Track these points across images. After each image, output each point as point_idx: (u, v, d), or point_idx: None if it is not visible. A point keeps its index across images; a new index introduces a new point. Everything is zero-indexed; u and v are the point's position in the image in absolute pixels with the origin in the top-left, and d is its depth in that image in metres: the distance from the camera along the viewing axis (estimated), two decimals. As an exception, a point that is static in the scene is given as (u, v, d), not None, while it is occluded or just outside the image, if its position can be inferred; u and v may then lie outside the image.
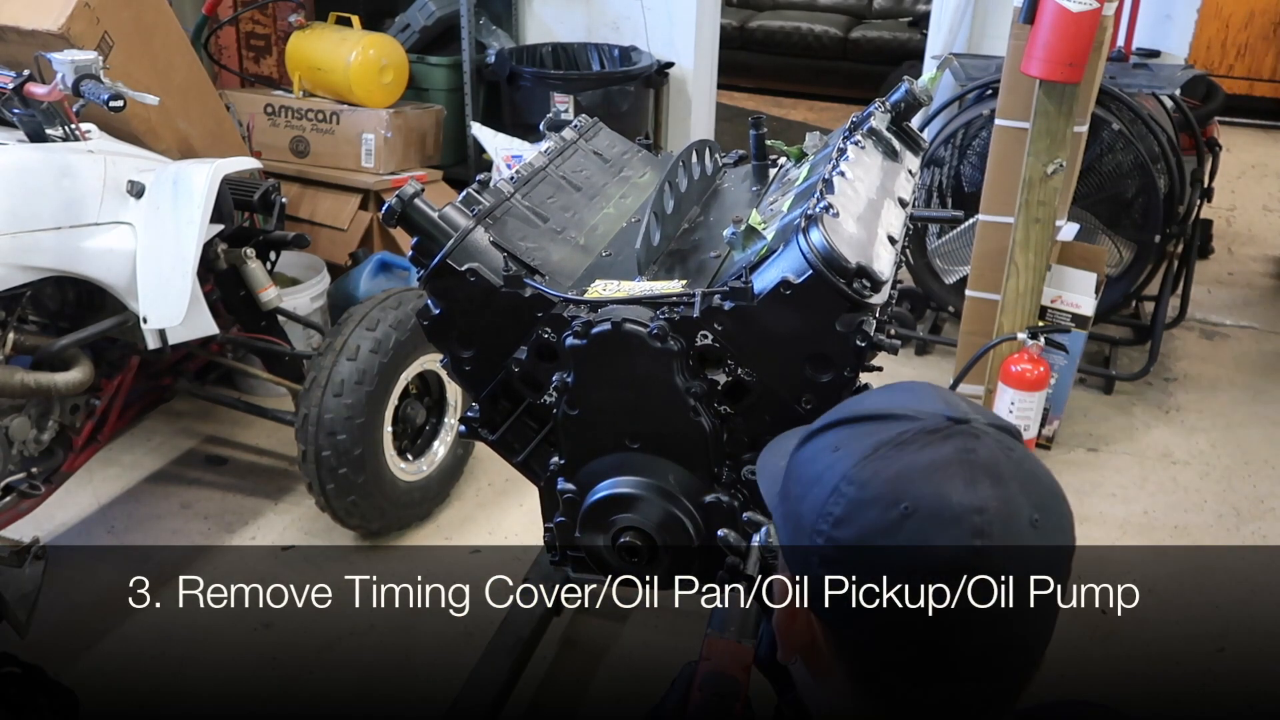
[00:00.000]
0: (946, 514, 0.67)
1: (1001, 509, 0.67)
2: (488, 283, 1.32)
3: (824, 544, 0.70)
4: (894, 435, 0.71)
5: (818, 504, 0.71)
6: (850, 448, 0.72)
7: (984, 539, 0.66)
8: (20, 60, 2.46)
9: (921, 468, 0.69)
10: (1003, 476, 0.68)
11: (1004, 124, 3.10)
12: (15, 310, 2.26)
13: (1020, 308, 3.03)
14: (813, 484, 0.72)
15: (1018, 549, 0.67)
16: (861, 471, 0.69)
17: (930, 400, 0.74)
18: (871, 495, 0.68)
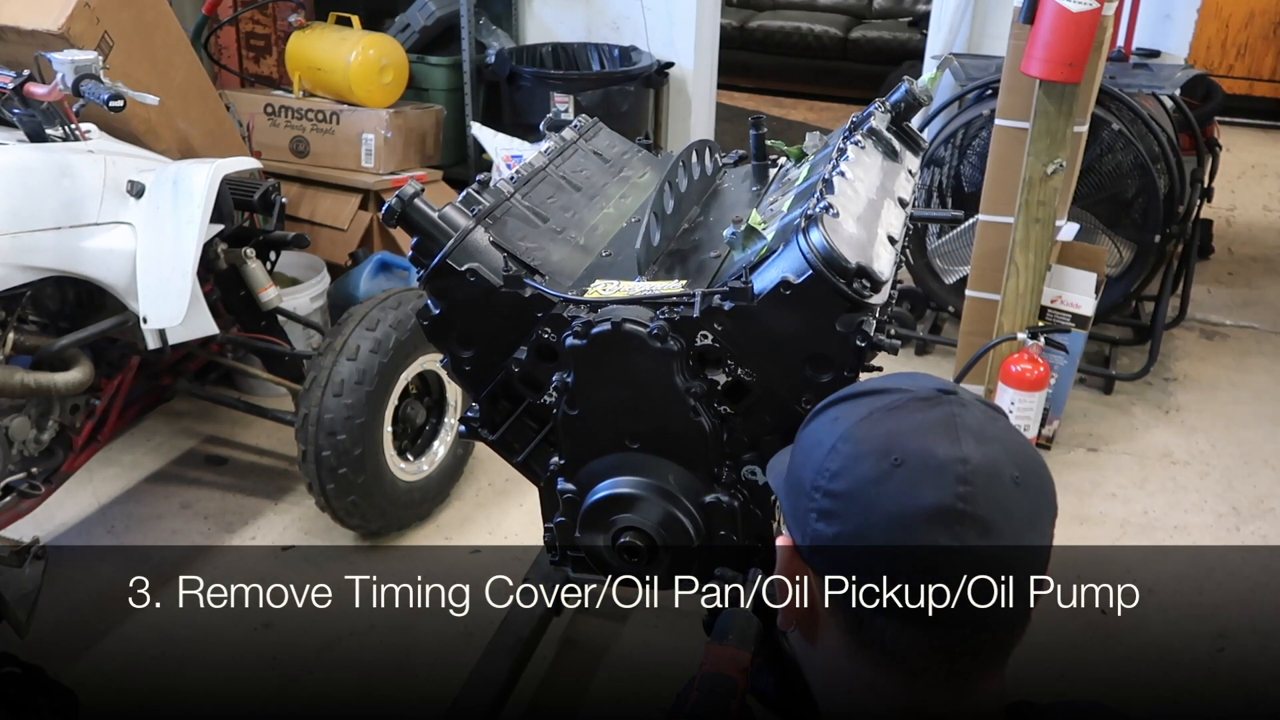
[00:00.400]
0: (933, 464, 0.72)
1: (984, 464, 0.72)
2: (488, 283, 1.32)
3: (821, 498, 0.75)
4: (888, 402, 0.77)
5: (817, 464, 0.77)
6: (847, 416, 0.78)
7: (967, 487, 0.71)
8: (20, 60, 2.46)
9: (912, 427, 0.75)
10: (986, 437, 0.74)
11: (1004, 124, 3.10)
12: (15, 310, 2.26)
13: (1020, 308, 3.03)
14: (813, 449, 0.79)
15: (999, 501, 0.72)
16: (857, 431, 0.76)
17: (924, 380, 0.81)
18: (865, 450, 0.74)
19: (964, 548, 0.71)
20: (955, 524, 0.71)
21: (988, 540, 0.72)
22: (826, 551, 0.75)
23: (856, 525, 0.74)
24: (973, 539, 0.71)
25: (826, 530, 0.75)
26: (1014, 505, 0.73)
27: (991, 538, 0.72)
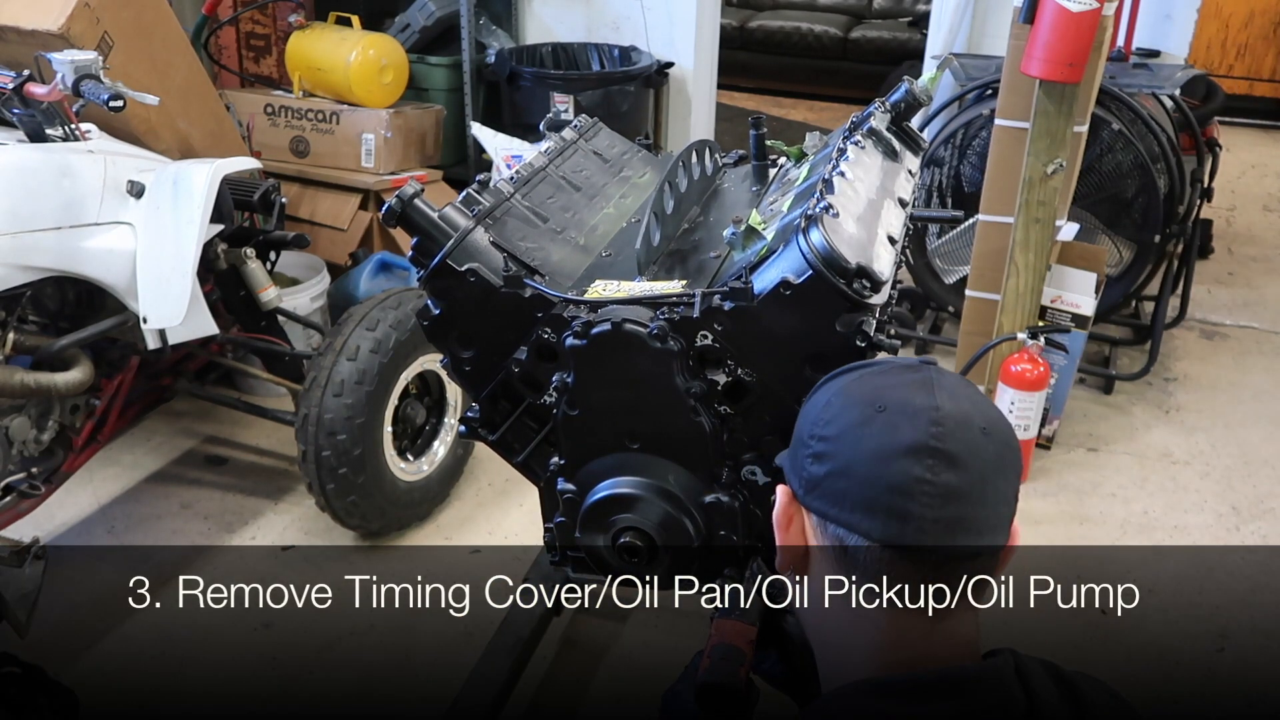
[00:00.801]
0: (910, 409, 0.83)
1: (955, 413, 0.82)
2: (488, 283, 1.32)
3: (815, 443, 0.86)
4: (876, 368, 0.90)
5: (812, 419, 0.88)
6: (841, 381, 0.90)
7: (939, 428, 0.81)
8: (20, 60, 2.46)
9: (893, 383, 0.86)
10: (959, 395, 0.85)
11: (1004, 124, 3.10)
12: (15, 310, 2.26)
13: (1020, 308, 3.03)
14: (809, 410, 0.90)
15: (969, 443, 0.82)
16: (847, 388, 0.88)
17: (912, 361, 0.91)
18: (853, 401, 0.86)
19: (936, 479, 0.80)
20: (928, 457, 0.80)
21: (954, 473, 0.80)
22: (818, 489, 0.85)
23: (844, 461, 0.83)
24: (943, 471, 0.80)
25: (818, 470, 0.85)
26: (982, 449, 0.82)
27: (959, 472, 0.80)
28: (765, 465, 1.32)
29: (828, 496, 0.84)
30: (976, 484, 0.81)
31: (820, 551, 0.86)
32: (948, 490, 0.80)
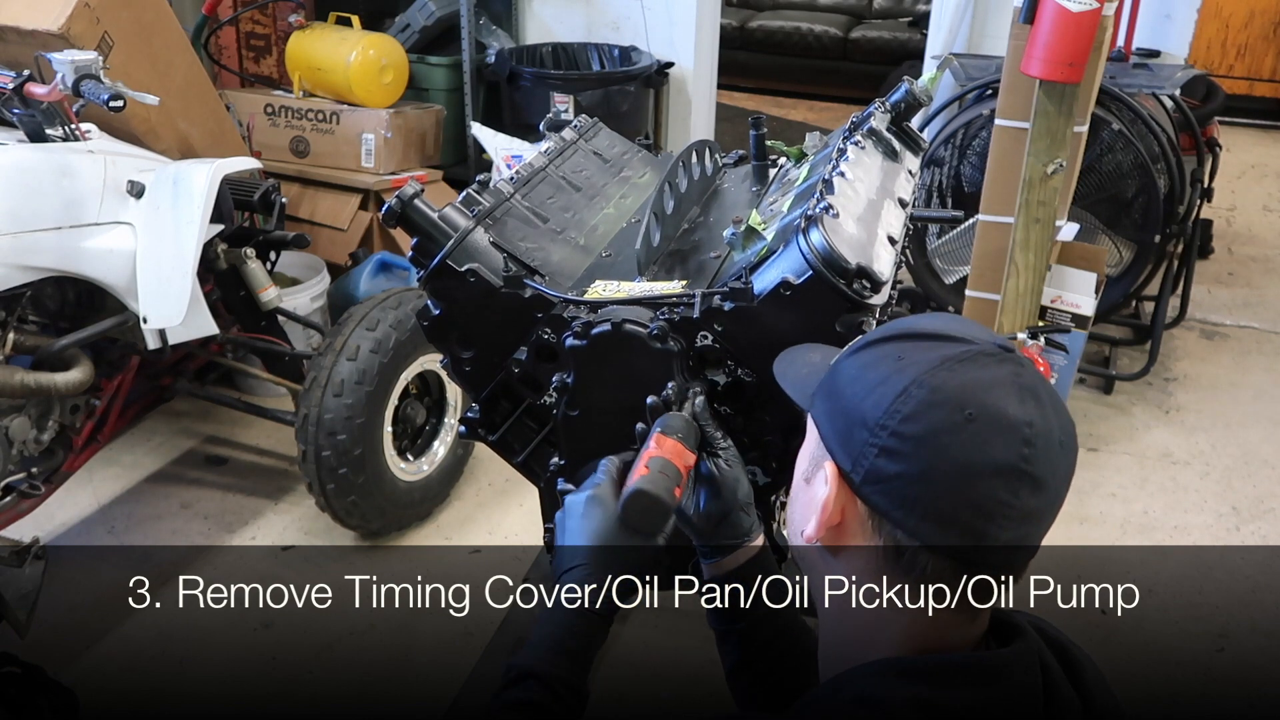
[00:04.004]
0: (1004, 423, 0.77)
1: (1043, 427, 0.78)
2: (488, 283, 1.32)
3: (887, 437, 0.78)
4: (958, 353, 0.80)
5: (885, 401, 0.79)
6: (915, 358, 0.80)
7: (1030, 449, 0.76)
8: (20, 60, 2.47)
9: (984, 382, 0.78)
10: (1042, 400, 0.79)
11: (1004, 124, 3.10)
12: (15, 310, 2.26)
13: (1020, 308, 3.03)
14: (877, 385, 0.80)
15: (1051, 461, 0.78)
16: (932, 378, 0.78)
17: (976, 329, 0.84)
18: (941, 399, 0.77)
19: (1018, 503, 0.77)
20: (1015, 480, 0.76)
21: (1037, 497, 0.78)
22: (884, 486, 0.79)
23: (922, 469, 0.77)
24: (1026, 495, 0.77)
25: (889, 467, 0.78)
26: (1060, 465, 0.79)
27: (1041, 495, 0.78)
28: (765, 466, 1.32)
29: (894, 497, 0.78)
30: (1051, 503, 0.79)
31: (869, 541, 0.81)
32: (1027, 513, 0.77)
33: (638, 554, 1.02)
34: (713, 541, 1.11)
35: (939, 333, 0.82)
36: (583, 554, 1.02)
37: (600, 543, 1.02)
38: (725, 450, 1.13)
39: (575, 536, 1.03)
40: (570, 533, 1.04)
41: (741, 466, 1.13)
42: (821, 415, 0.86)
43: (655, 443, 1.03)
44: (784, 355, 1.06)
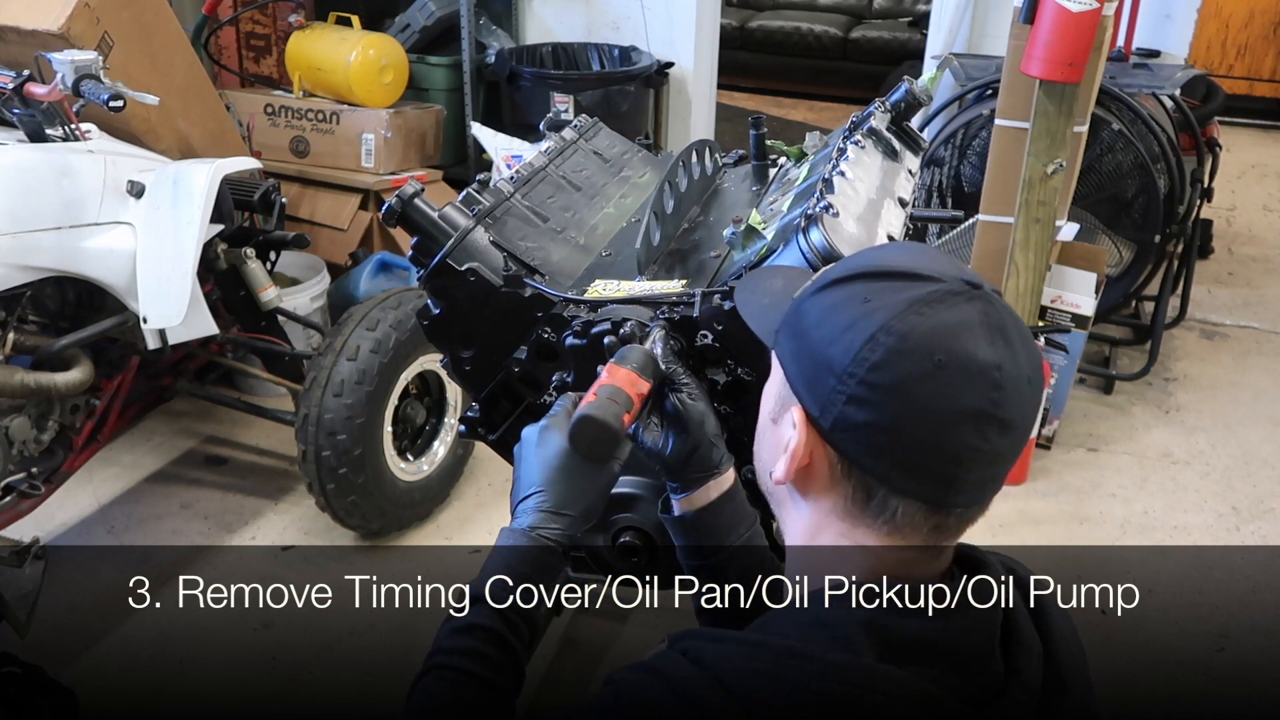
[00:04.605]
0: (974, 368, 0.76)
1: (1012, 368, 0.77)
2: (488, 283, 1.32)
3: (855, 385, 0.77)
4: (925, 294, 0.78)
5: (852, 348, 0.78)
6: (883, 300, 0.79)
7: (1000, 392, 0.76)
8: (20, 60, 2.46)
9: (953, 325, 0.77)
10: (1011, 338, 0.78)
11: (1004, 124, 3.10)
12: (15, 310, 2.26)
13: (1020, 308, 3.03)
14: (844, 330, 0.79)
15: (1020, 402, 0.77)
16: (900, 324, 0.77)
17: (945, 264, 0.82)
18: (910, 346, 0.76)
19: (988, 446, 0.76)
20: (985, 425, 0.76)
21: (1006, 438, 0.77)
22: (853, 434, 0.78)
23: (892, 418, 0.77)
24: (995, 438, 0.77)
25: (857, 415, 0.77)
26: (1028, 404, 0.79)
27: (1009, 436, 0.77)
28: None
29: (863, 445, 0.78)
30: (1018, 441, 0.79)
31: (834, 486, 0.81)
32: (996, 454, 0.77)
33: (592, 480, 1.02)
34: (683, 477, 1.11)
35: (906, 270, 0.80)
36: (537, 481, 1.02)
37: (555, 469, 1.02)
38: (688, 384, 1.12)
39: (530, 466, 1.04)
40: (525, 462, 1.05)
41: (706, 400, 1.13)
42: (787, 356, 0.85)
43: (607, 372, 1.02)
44: (745, 281, 1.04)
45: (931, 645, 0.78)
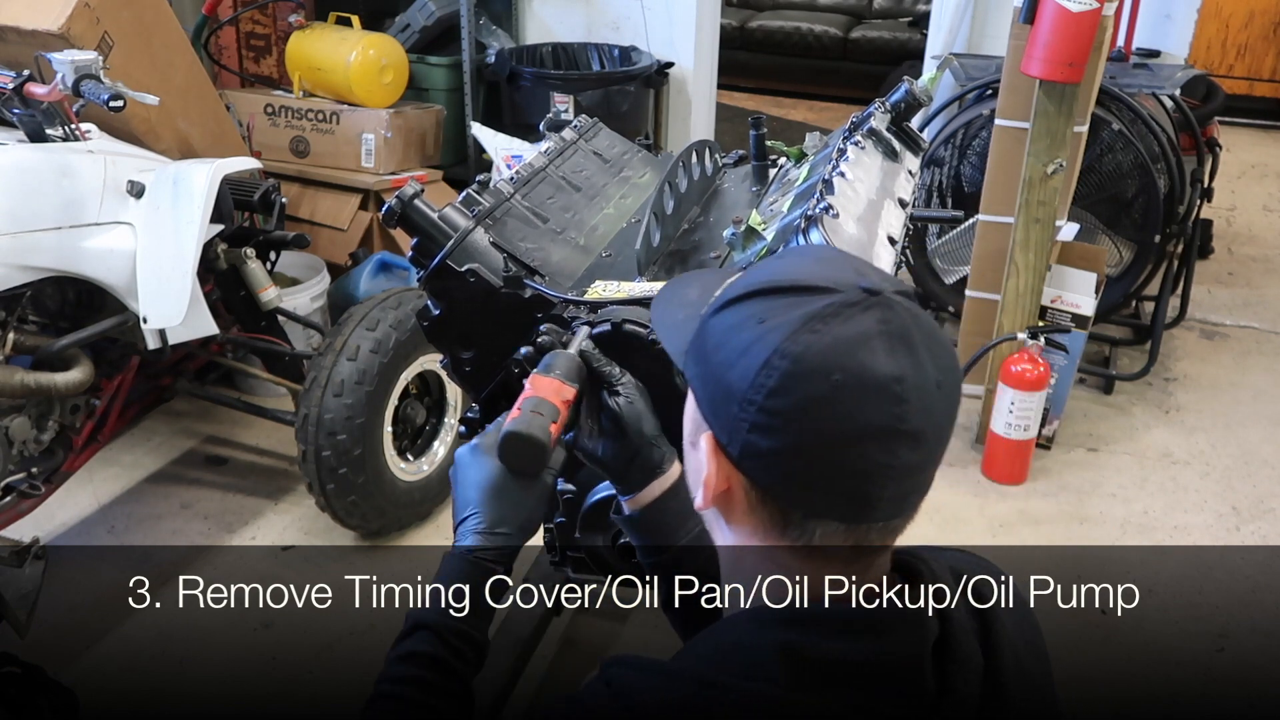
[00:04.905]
0: (872, 383, 0.73)
1: (916, 378, 0.74)
2: (487, 283, 1.32)
3: (756, 413, 0.75)
4: (820, 308, 0.75)
5: (749, 374, 0.75)
6: (777, 320, 0.76)
7: (903, 405, 0.73)
8: (20, 60, 2.46)
9: (849, 339, 0.74)
10: (914, 344, 0.75)
11: (1004, 124, 3.10)
12: (15, 310, 2.26)
13: (1020, 308, 3.03)
14: (741, 354, 0.76)
15: (927, 410, 0.74)
16: (793, 345, 0.74)
17: (843, 270, 0.79)
18: (805, 369, 0.73)
19: (898, 462, 0.74)
20: (891, 440, 0.73)
21: (917, 451, 0.74)
22: (761, 461, 0.76)
23: (795, 442, 0.74)
24: (904, 452, 0.74)
25: (762, 443, 0.75)
26: (938, 411, 0.76)
27: (920, 448, 0.74)
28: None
29: (772, 471, 0.76)
30: (933, 449, 0.76)
31: (752, 511, 0.80)
32: (908, 467, 0.74)
33: (526, 494, 1.03)
34: (627, 479, 1.10)
35: (802, 283, 0.77)
36: (473, 502, 1.03)
37: (489, 489, 1.02)
38: (624, 386, 1.10)
39: (465, 487, 1.04)
40: (460, 484, 1.05)
41: (644, 400, 1.11)
42: (695, 379, 0.82)
43: (530, 383, 1.03)
44: (664, 291, 1.00)
45: (855, 667, 0.76)
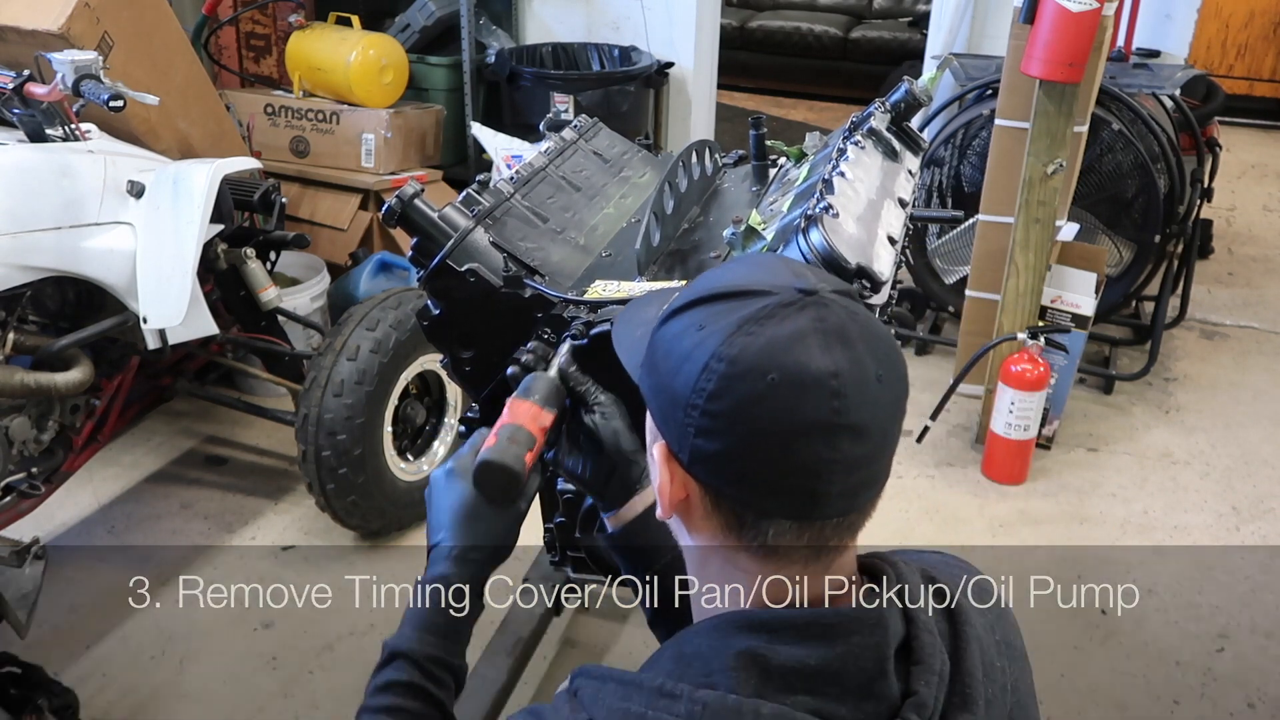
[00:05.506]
0: (808, 380, 0.74)
1: (853, 370, 0.75)
2: (487, 283, 1.32)
3: (699, 416, 0.76)
4: (755, 311, 0.77)
5: (690, 380, 0.77)
6: (715, 325, 0.77)
7: (841, 400, 0.74)
8: (20, 60, 2.47)
9: (783, 340, 0.75)
10: (851, 339, 0.76)
11: (1004, 124, 3.10)
12: (15, 310, 2.26)
13: (1020, 308, 3.03)
14: (683, 360, 0.78)
15: (868, 403, 0.75)
16: (729, 348, 0.75)
17: (780, 273, 0.80)
18: (741, 370, 0.75)
19: (841, 456, 0.75)
20: (832, 435, 0.74)
21: (861, 444, 0.75)
22: (709, 464, 0.77)
23: (737, 443, 0.76)
24: (847, 445, 0.74)
25: (707, 446, 0.77)
26: (880, 402, 0.76)
27: (864, 441, 0.75)
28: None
29: (721, 474, 0.77)
30: (879, 442, 0.77)
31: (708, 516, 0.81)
32: (853, 461, 0.75)
33: (499, 521, 1.03)
34: (607, 495, 1.10)
35: (739, 288, 0.79)
36: (446, 528, 1.03)
37: (462, 514, 1.02)
38: (600, 404, 1.10)
39: (438, 511, 1.05)
40: (434, 507, 1.06)
41: (620, 417, 1.10)
42: (647, 392, 0.84)
43: (508, 409, 1.03)
44: (625, 311, 1.02)
45: (814, 671, 0.76)
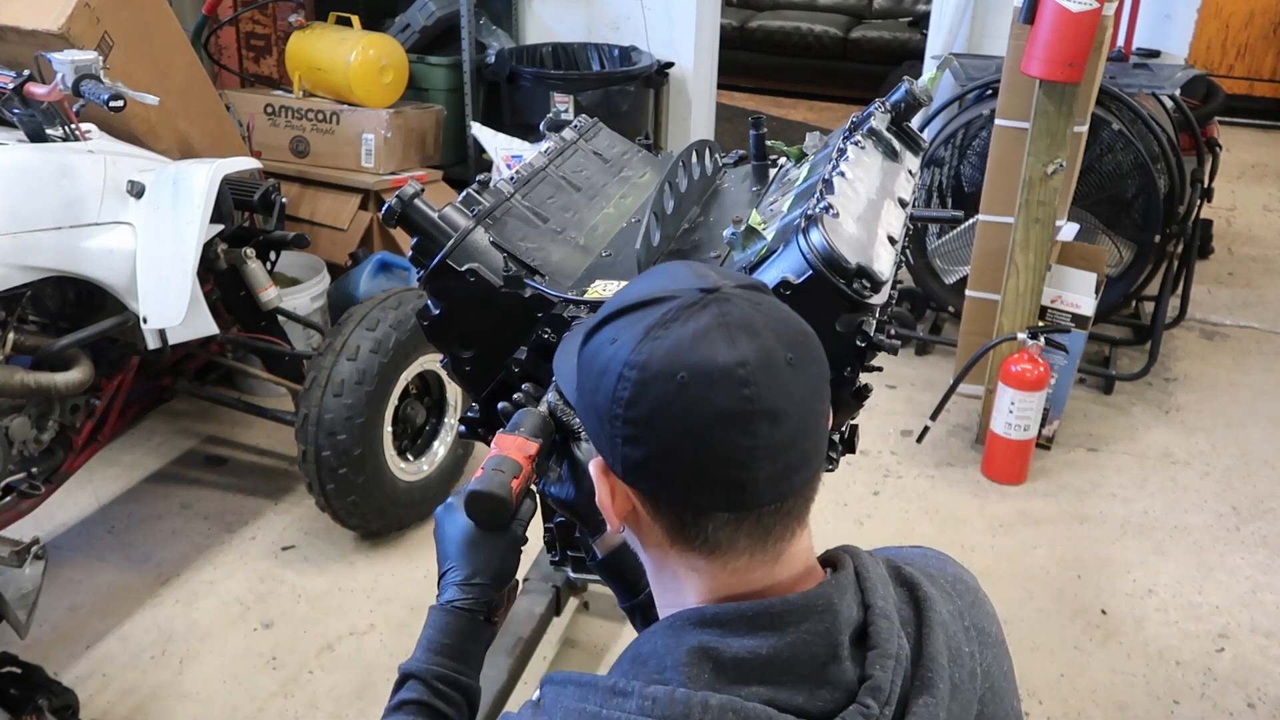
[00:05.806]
0: (716, 372, 0.76)
1: (760, 357, 0.76)
2: (488, 283, 1.32)
3: (622, 425, 0.79)
4: (660, 316, 0.79)
5: (609, 392, 0.80)
6: (624, 336, 0.80)
7: (751, 387, 0.75)
8: (20, 60, 2.47)
9: (687, 339, 0.77)
10: (756, 329, 0.78)
11: (1004, 124, 3.10)
12: (15, 310, 2.26)
13: (1020, 308, 3.03)
14: (601, 375, 0.81)
15: (780, 387, 0.77)
16: (638, 355, 0.78)
17: (684, 277, 0.83)
18: (652, 374, 0.77)
19: (760, 442, 0.76)
20: (747, 422, 0.76)
21: (780, 428, 0.77)
22: (640, 471, 0.80)
23: (660, 445, 0.78)
24: (765, 430, 0.76)
25: (635, 453, 0.79)
26: (793, 385, 0.78)
27: (782, 424, 0.77)
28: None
29: (653, 479, 0.80)
30: (799, 423, 0.78)
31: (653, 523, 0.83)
32: (775, 445, 0.77)
33: (497, 546, 1.08)
34: (592, 522, 1.13)
35: (645, 298, 0.81)
36: (451, 556, 1.09)
37: (463, 543, 1.08)
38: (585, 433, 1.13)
39: (444, 543, 1.10)
40: (440, 540, 1.11)
41: None
42: (581, 412, 0.87)
43: (495, 443, 1.07)
44: (562, 345, 1.05)
45: (765, 662, 0.78)
